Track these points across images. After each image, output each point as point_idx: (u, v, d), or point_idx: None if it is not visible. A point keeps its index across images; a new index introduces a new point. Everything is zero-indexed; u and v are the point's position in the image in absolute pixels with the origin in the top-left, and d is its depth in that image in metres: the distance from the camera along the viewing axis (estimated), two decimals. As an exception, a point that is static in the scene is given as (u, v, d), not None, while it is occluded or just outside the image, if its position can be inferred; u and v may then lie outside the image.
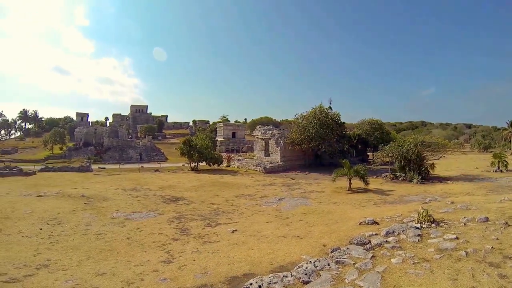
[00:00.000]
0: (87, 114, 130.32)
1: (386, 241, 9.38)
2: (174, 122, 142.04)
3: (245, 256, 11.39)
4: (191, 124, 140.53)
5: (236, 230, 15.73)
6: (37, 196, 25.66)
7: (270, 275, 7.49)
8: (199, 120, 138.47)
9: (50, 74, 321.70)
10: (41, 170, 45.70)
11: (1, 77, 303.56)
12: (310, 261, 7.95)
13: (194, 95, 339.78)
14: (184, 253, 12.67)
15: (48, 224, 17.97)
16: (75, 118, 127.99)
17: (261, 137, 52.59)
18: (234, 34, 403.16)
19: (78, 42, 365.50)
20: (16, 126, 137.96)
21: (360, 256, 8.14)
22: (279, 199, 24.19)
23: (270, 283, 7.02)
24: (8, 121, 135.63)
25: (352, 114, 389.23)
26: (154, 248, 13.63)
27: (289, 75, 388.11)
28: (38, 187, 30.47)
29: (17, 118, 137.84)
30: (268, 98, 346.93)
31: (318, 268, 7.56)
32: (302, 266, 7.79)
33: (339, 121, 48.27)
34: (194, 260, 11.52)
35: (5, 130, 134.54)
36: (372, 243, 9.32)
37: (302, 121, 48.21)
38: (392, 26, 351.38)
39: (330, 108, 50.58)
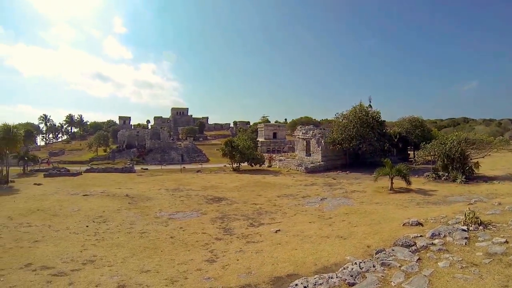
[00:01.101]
0: (129, 117, 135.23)
1: (432, 243, 8.98)
2: (215, 124, 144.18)
3: (289, 256, 11.27)
4: (231, 125, 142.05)
5: (279, 230, 15.66)
6: (83, 195, 26.89)
7: (315, 276, 7.46)
8: (239, 121, 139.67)
9: (93, 81, 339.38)
10: (87, 171, 47.97)
11: (48, 85, 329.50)
12: (355, 263, 7.86)
13: (234, 96, 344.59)
14: (228, 252, 12.70)
15: (94, 222, 18.78)
16: (118, 122, 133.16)
17: (302, 137, 52.57)
18: (271, 33, 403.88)
19: (117, 49, 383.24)
20: (63, 130, 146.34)
21: (405, 259, 7.88)
22: (321, 199, 24.01)
23: (315, 284, 6.91)
24: (55, 125, 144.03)
25: (392, 111, 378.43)
26: (197, 247, 13.76)
27: (328, 74, 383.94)
28: (84, 187, 31.95)
29: (64, 122, 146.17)
30: (308, 97, 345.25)
31: (363, 269, 7.42)
32: (347, 267, 7.71)
33: (379, 120, 47.39)
34: (238, 260, 11.50)
35: (52, 134, 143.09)
36: (417, 245, 8.96)
37: (342, 120, 47.92)
38: (431, 17, 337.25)
39: (370, 106, 49.82)
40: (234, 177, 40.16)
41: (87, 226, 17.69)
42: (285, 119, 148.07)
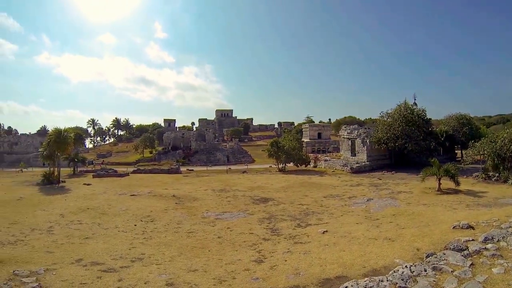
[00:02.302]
0: (174, 120, 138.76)
1: (485, 248, 8.58)
2: (260, 125, 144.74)
3: (337, 257, 11.13)
4: (276, 126, 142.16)
5: (326, 231, 15.51)
6: (131, 195, 27.84)
7: (366, 279, 7.35)
8: (284, 122, 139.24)
9: (137, 85, 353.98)
10: (134, 172, 49.71)
11: (95, 90, 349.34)
12: (406, 266, 7.68)
13: (278, 96, 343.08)
14: (275, 253, 12.67)
15: (141, 221, 19.41)
16: (163, 124, 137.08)
17: (347, 136, 52.26)
18: (313, 32, 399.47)
19: (158, 54, 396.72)
20: (110, 133, 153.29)
21: (458, 263, 7.59)
22: (367, 200, 23.59)
23: (365, 287, 6.77)
24: (102, 129, 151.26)
25: (438, 109, 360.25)
26: (245, 247, 13.82)
27: (372, 72, 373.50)
28: (132, 187, 33.09)
29: (111, 125, 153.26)
30: (351, 96, 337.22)
31: (414, 273, 7.21)
32: (398, 270, 7.50)
33: (425, 118, 45.96)
34: (286, 261, 11.45)
35: (100, 137, 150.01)
36: (469, 250, 8.62)
37: (387, 119, 47.04)
38: (475, 12, 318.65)
39: (415, 104, 48.59)
40: (280, 178, 40.24)
41: (135, 225, 18.30)
42: (329, 119, 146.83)
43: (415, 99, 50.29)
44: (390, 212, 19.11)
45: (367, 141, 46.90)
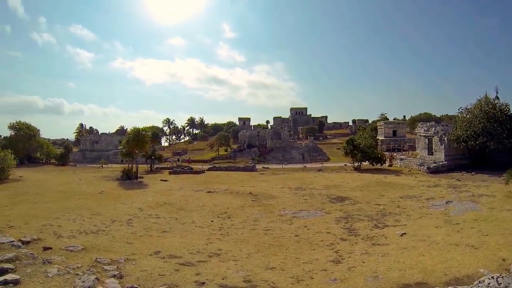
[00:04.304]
0: (249, 118, 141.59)
1: None
2: (334, 122, 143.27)
3: (416, 262, 10.76)
4: (350, 123, 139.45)
5: (404, 233, 14.95)
6: (207, 192, 28.72)
7: (449, 287, 7.26)
8: (358, 119, 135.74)
9: (209, 85, 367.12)
10: (209, 169, 51.31)
11: (169, 91, 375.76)
12: (492, 277, 7.28)
13: (352, 94, 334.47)
14: (353, 254, 12.39)
15: (218, 217, 19.93)
16: (237, 123, 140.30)
17: (423, 134, 49.86)
18: (385, 26, 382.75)
19: (229, 53, 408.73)
20: (185, 132, 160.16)
21: None
22: (446, 202, 22.10)
23: None
24: (178, 127, 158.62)
25: None
26: (322, 247, 13.64)
27: (448, 66, 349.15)
28: (208, 184, 34.17)
29: (186, 124, 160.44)
30: (426, 92, 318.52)
31: (501, 286, 6.85)
32: (483, 281, 7.19)
33: (509, 113, 41.67)
34: (364, 262, 11.17)
35: (176, 136, 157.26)
36: None
37: (466, 115, 43.95)
38: None
39: (497, 98, 44.35)
40: (356, 176, 39.45)
41: (212, 221, 18.82)
42: (404, 116, 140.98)
43: (497, 93, 45.96)
44: (471, 216, 17.79)
45: (445, 139, 44.40)
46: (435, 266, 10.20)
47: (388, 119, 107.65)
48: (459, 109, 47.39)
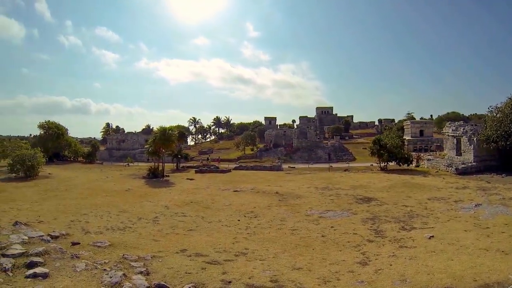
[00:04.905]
0: (275, 118, 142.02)
1: None
2: (360, 122, 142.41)
3: (445, 267, 10.45)
4: (376, 123, 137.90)
5: (432, 236, 14.57)
6: (234, 191, 28.91)
7: None
8: (384, 119, 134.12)
9: (234, 84, 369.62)
10: (235, 168, 51.67)
11: (194, 91, 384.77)
12: None
13: (378, 93, 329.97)
14: (380, 256, 12.18)
15: (245, 216, 20.02)
16: (263, 122, 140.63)
17: (451, 134, 48.44)
18: (412, 25, 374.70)
19: (253, 53, 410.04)
20: (211, 131, 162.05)
21: None
22: (475, 205, 21.39)
23: None
24: (203, 127, 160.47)
25: None
26: (349, 248, 13.52)
27: (477, 63, 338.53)
28: (234, 183, 34.37)
29: (211, 124, 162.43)
30: (454, 91, 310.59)
31: None
32: None
33: None
34: (391, 265, 10.96)
35: (201, 135, 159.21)
36: None
37: (496, 114, 42.36)
38: None
39: None
40: (382, 177, 38.86)
41: (239, 220, 18.92)
42: (431, 115, 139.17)
43: None
44: (502, 221, 17.13)
45: (474, 139, 42.93)
46: (464, 271, 9.93)
47: (415, 119, 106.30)
48: (488, 108, 45.97)
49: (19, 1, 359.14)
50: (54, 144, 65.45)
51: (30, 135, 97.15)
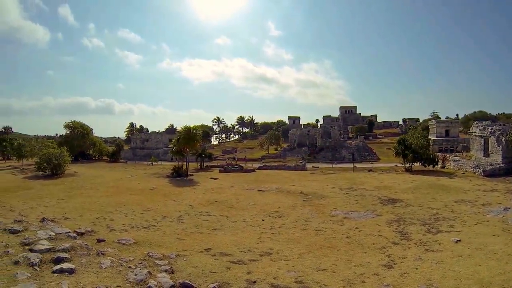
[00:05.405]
0: (299, 117, 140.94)
1: None
2: (384, 121, 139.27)
3: (472, 272, 10.13)
4: (400, 122, 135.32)
5: (459, 240, 14.18)
6: (258, 190, 29.00)
7: None
8: (408, 118, 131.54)
9: (257, 84, 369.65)
10: (260, 168, 51.79)
11: (217, 90, 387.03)
12: None
13: (402, 92, 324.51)
14: (406, 259, 11.98)
15: (269, 216, 20.06)
16: (287, 122, 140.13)
17: (479, 134, 47.15)
18: (436, 23, 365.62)
19: (276, 52, 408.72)
20: (235, 131, 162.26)
21: None
22: (504, 209, 20.70)
23: None
24: (227, 126, 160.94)
25: None
26: (374, 250, 13.36)
27: (504, 60, 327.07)
28: (258, 183, 34.48)
29: (235, 123, 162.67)
30: (481, 89, 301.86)
31: None
32: None
33: None
34: (417, 269, 10.77)
35: (225, 134, 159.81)
36: None
37: None
38: None
39: None
40: (407, 178, 38.36)
41: (263, 220, 18.96)
42: (457, 115, 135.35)
43: None
44: None
45: (503, 139, 41.55)
46: (492, 278, 9.62)
47: (440, 118, 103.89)
48: None
49: (43, 7, 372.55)
50: (80, 143, 67.48)
51: (57, 134, 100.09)
